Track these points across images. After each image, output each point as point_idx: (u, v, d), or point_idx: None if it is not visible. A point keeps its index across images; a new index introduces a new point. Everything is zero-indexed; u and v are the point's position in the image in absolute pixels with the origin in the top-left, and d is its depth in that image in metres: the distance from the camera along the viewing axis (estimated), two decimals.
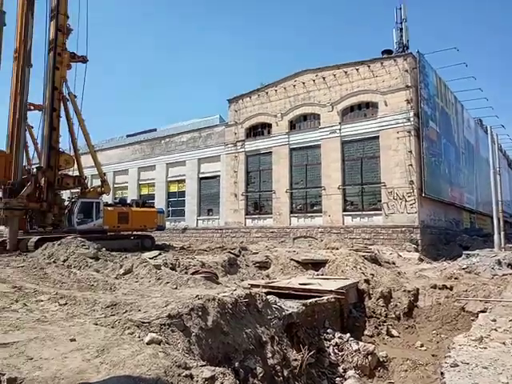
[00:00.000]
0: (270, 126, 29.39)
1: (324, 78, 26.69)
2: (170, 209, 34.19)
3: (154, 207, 24.68)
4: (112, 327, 4.75)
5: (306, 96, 27.51)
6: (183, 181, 34.05)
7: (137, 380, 3.27)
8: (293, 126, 28.45)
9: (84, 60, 20.91)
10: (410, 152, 23.03)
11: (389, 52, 26.04)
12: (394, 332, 9.24)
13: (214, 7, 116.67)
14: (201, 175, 33.02)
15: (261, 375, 5.59)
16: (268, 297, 7.28)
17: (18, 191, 17.72)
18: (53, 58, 19.73)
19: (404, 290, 10.38)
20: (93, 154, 21.15)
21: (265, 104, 29.53)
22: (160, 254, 11.95)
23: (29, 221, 18.97)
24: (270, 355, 6.06)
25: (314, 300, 8.29)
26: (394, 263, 16.00)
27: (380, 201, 24.13)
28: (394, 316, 9.81)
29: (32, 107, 21.21)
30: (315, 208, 26.81)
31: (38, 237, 16.66)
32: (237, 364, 5.28)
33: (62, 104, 19.90)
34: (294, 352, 6.74)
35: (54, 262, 9.93)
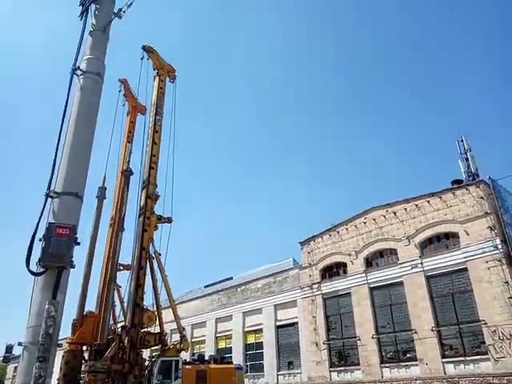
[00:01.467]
0: (345, 265, 28.68)
1: (395, 213, 26.56)
2: (248, 363, 32.24)
3: (232, 363, 23.46)
4: None
5: (379, 232, 27.16)
6: (260, 330, 32.75)
7: None
8: (369, 263, 27.52)
9: (169, 221, 23.16)
10: (507, 283, 20.64)
11: (459, 182, 25.87)
12: None
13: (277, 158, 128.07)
14: (278, 323, 31.69)
15: None
16: None
17: (102, 352, 18.06)
18: (142, 222, 22.14)
19: None
20: (173, 308, 21.63)
21: (337, 243, 29.43)
22: None
23: (111, 383, 18.77)
24: None
25: None
26: None
27: (484, 342, 20.90)
28: None
29: (121, 267, 23.06)
30: (408, 355, 23.72)
31: None
32: None
33: (147, 262, 21.47)
34: None
35: None
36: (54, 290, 3.28)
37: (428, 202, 25.16)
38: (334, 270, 29.50)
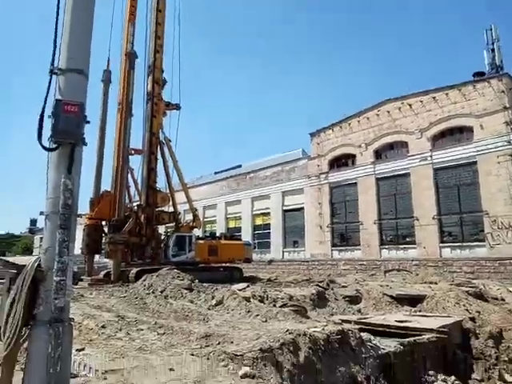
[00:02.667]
0: (353, 156, 28.88)
1: (410, 106, 25.74)
2: (256, 241, 34.73)
3: (241, 240, 25.30)
4: (207, 358, 4.90)
5: (392, 124, 26.68)
6: (268, 214, 34.58)
7: None
8: (378, 155, 27.63)
9: (177, 107, 22.86)
10: None
11: (481, 74, 24.45)
12: (509, 377, 8.14)
13: (293, 48, 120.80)
14: (285, 208, 33.27)
15: None
16: (362, 334, 6.94)
17: (120, 227, 19.50)
18: (150, 108, 21.87)
19: None
20: (185, 191, 22.61)
21: (348, 135, 29.22)
22: (248, 286, 12.09)
23: (130, 254, 20.62)
24: None
25: (412, 339, 7.71)
26: (503, 299, 14.23)
27: (482, 231, 21.97)
28: (506, 359, 8.67)
29: (133, 152, 23.47)
30: (408, 239, 25.26)
31: (138, 269, 18.00)
32: None
33: (158, 148, 21.79)
34: None
35: (153, 292, 10.62)
36: (69, 166, 3.32)
37: (446, 94, 24.14)
38: (342, 161, 29.82)
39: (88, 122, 3.48)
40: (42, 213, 3.33)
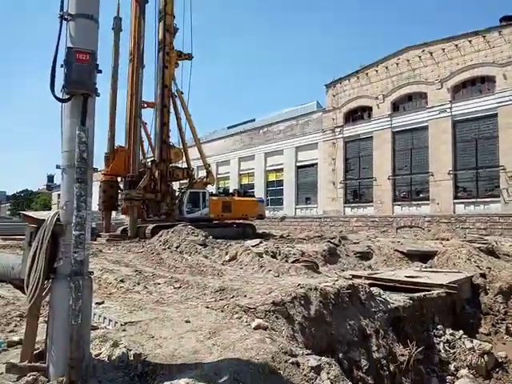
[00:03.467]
0: (370, 109, 28.13)
1: (431, 54, 24.59)
2: (269, 198, 34.96)
3: (254, 196, 25.49)
4: (221, 311, 5.09)
5: (411, 74, 25.68)
6: (281, 170, 34.49)
7: (246, 363, 3.47)
8: (396, 107, 26.85)
9: (189, 57, 22.21)
10: None
11: (509, 18, 22.94)
12: None
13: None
14: (298, 164, 33.09)
15: (365, 368, 5.52)
16: (372, 288, 7.08)
17: (135, 183, 19.75)
18: (162, 58, 21.32)
19: None
20: (199, 146, 22.54)
21: (365, 86, 28.29)
22: (261, 242, 12.32)
23: (145, 210, 21.02)
24: (374, 348, 5.94)
25: (422, 294, 7.85)
26: None
27: (498, 186, 21.66)
28: None
29: (145, 105, 23.26)
30: (421, 195, 25.11)
31: (154, 225, 18.41)
32: (341, 355, 5.28)
33: (171, 101, 21.47)
34: (401, 347, 6.49)
35: (169, 248, 10.93)
36: (83, 117, 3.27)
37: (470, 41, 22.90)
38: (358, 114, 29.12)
39: (100, 72, 3.40)
40: (58, 166, 3.34)
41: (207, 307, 5.36)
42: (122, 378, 3.27)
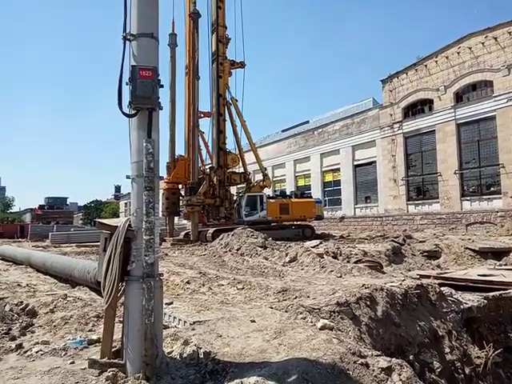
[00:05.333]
0: (431, 102, 26.78)
1: (496, 39, 22.92)
2: (326, 198, 34.45)
3: (311, 198, 25.29)
4: (285, 311, 5.10)
5: (474, 62, 24.11)
6: (338, 170, 33.86)
7: (314, 363, 3.44)
8: (459, 98, 25.32)
9: (242, 65, 22.72)
10: None
11: None
12: None
13: None
14: (355, 162, 32.29)
15: (438, 370, 5.25)
16: (442, 288, 6.72)
17: (196, 190, 20.49)
18: (216, 68, 21.99)
19: None
20: (254, 151, 22.87)
21: (424, 78, 27.01)
22: (321, 243, 12.17)
23: (206, 215, 21.71)
24: (447, 350, 5.63)
25: (497, 293, 7.30)
26: None
27: None
28: None
29: (202, 115, 24.09)
30: (492, 189, 23.40)
31: (214, 228, 18.93)
32: (411, 357, 5.06)
33: (226, 108, 22.06)
34: (476, 349, 6.09)
35: (230, 250, 11.15)
36: (148, 130, 3.49)
37: None
38: (417, 108, 27.83)
39: (162, 86, 3.59)
40: (128, 176, 3.58)
41: (271, 307, 5.40)
42: (193, 375, 3.39)
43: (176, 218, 24.80)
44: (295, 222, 22.56)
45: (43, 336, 4.78)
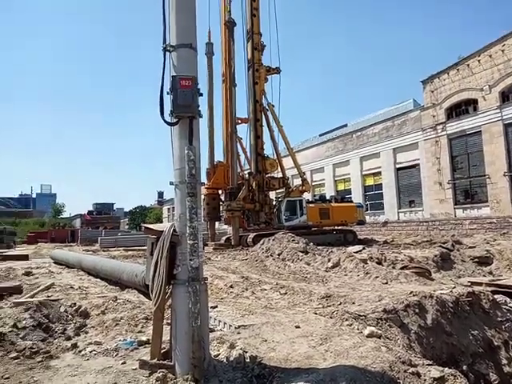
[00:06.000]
0: (475, 102, 25.61)
1: None
2: (368, 203, 33.62)
3: (352, 202, 24.81)
4: (330, 317, 5.02)
5: None
6: (379, 173, 33.00)
7: (363, 371, 3.36)
8: (505, 97, 24.06)
9: (278, 71, 22.82)
10: None
11: None
12: None
13: None
14: (397, 165, 31.34)
15: (495, 382, 4.96)
16: (495, 296, 6.38)
17: (235, 195, 20.70)
18: (252, 75, 22.21)
19: None
20: (292, 155, 22.81)
21: (466, 78, 25.90)
22: (364, 248, 11.90)
23: (246, 219, 21.85)
24: (504, 362, 5.33)
25: None
26: None
27: None
28: None
29: (239, 121, 24.36)
30: None
31: (255, 233, 19.01)
32: (465, 367, 4.83)
33: (263, 114, 22.19)
34: None
35: (271, 255, 11.15)
36: (190, 137, 3.59)
37: None
38: (461, 109, 26.69)
39: (201, 95, 3.68)
40: (171, 183, 3.68)
41: (315, 313, 5.33)
42: (240, 379, 3.40)
43: (217, 223, 25.11)
44: (336, 227, 22.22)
45: (96, 336, 4.98)
